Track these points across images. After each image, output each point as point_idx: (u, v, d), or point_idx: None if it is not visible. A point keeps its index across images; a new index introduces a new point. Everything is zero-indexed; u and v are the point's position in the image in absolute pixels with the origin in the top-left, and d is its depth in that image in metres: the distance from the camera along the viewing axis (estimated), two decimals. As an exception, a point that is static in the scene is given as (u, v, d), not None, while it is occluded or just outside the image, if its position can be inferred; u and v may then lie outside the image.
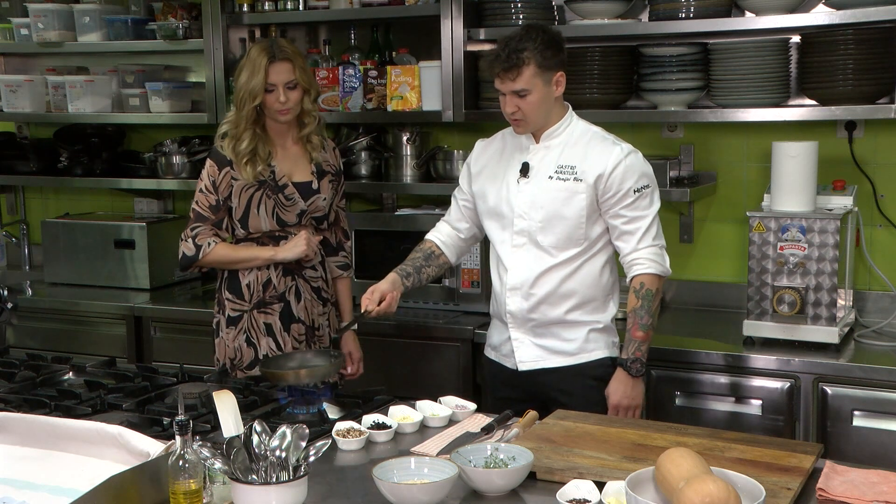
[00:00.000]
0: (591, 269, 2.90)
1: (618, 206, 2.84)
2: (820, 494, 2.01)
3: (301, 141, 3.21)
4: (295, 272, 3.20)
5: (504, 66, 2.78)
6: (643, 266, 2.85)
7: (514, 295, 2.93)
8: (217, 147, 3.17)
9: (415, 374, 3.63)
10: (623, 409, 2.88)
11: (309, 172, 3.21)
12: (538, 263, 2.89)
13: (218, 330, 3.24)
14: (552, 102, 2.86)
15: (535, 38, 2.79)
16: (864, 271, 3.64)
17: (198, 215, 3.16)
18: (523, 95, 2.80)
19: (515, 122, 2.87)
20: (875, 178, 3.62)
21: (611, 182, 2.82)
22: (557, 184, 2.86)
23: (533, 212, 2.87)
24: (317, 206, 3.21)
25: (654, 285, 2.86)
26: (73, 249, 4.52)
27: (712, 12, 3.48)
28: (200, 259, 3.13)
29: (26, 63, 5.03)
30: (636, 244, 2.85)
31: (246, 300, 3.18)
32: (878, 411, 3.07)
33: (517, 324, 2.95)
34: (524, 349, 2.95)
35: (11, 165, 4.86)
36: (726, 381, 3.25)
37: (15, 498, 1.98)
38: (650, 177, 2.89)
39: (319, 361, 2.74)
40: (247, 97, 3.08)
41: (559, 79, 2.84)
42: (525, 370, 2.95)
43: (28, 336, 4.38)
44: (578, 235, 2.86)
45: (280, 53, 3.08)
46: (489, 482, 2.04)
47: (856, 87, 3.34)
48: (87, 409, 2.55)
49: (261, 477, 1.91)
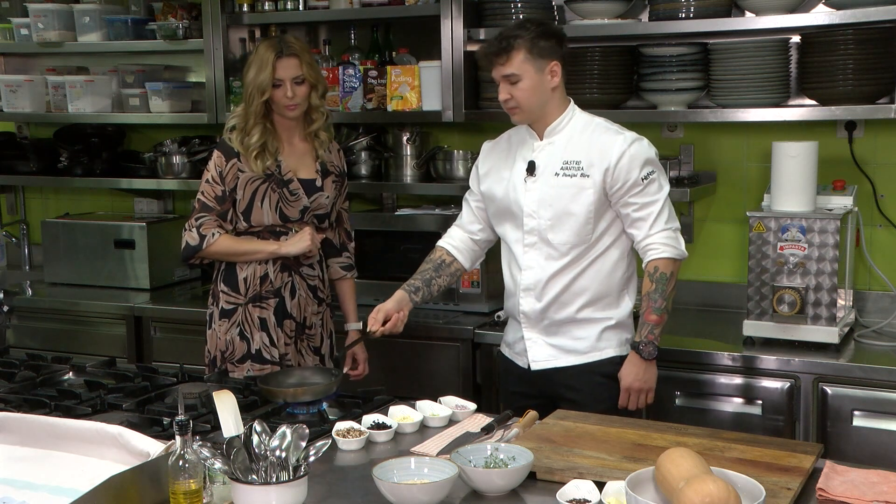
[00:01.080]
0: (603, 265, 2.89)
1: (627, 195, 2.83)
2: (820, 494, 2.01)
3: (309, 138, 3.22)
4: (292, 268, 3.20)
5: (494, 50, 2.82)
6: (657, 251, 2.84)
7: (528, 295, 2.93)
8: (225, 139, 3.18)
9: (415, 374, 3.63)
10: (635, 392, 2.87)
11: (314, 170, 3.22)
12: (550, 263, 2.89)
13: (211, 321, 3.24)
14: (548, 93, 2.86)
15: (529, 28, 2.83)
16: (864, 271, 3.64)
17: (203, 205, 3.15)
18: (514, 82, 2.81)
19: (510, 110, 2.89)
20: (875, 178, 3.62)
21: (617, 174, 2.81)
22: (564, 180, 2.86)
23: (542, 210, 2.87)
24: (319, 204, 3.21)
25: (668, 269, 2.84)
26: (73, 249, 4.52)
27: (712, 12, 3.48)
28: (204, 249, 3.12)
29: (26, 63, 5.03)
30: (648, 230, 2.84)
31: (241, 293, 3.18)
32: (878, 411, 3.07)
33: (530, 323, 2.95)
34: (537, 349, 2.95)
35: (11, 165, 4.86)
36: (726, 381, 3.25)
37: (15, 498, 1.98)
38: (655, 162, 2.87)
39: (318, 379, 2.71)
40: (255, 92, 3.10)
41: (554, 68, 2.84)
42: (537, 370, 2.95)
43: (28, 336, 4.38)
44: (587, 231, 2.85)
45: (287, 49, 3.10)
46: (489, 482, 2.04)
47: (856, 87, 3.34)
48: (87, 409, 2.55)
49: (261, 477, 1.91)
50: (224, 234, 3.14)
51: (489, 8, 3.80)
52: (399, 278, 3.53)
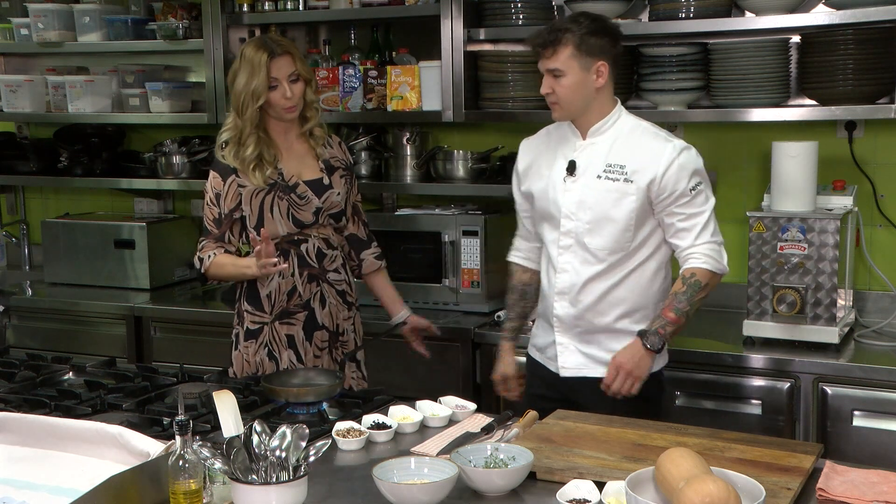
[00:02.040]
0: (642, 276, 2.81)
1: (673, 205, 2.75)
2: (820, 494, 2.01)
3: (304, 137, 3.11)
4: (319, 277, 3.10)
5: (541, 42, 2.73)
6: (699, 260, 2.76)
7: (562, 299, 2.85)
8: (218, 157, 3.07)
9: (415, 374, 3.63)
10: (623, 372, 2.73)
11: (318, 169, 3.11)
12: (586, 268, 2.80)
13: (236, 342, 3.13)
14: (592, 92, 2.77)
15: (581, 23, 2.73)
16: (864, 271, 3.64)
17: (205, 229, 3.10)
18: (558, 76, 2.73)
19: (551, 105, 2.80)
20: (875, 178, 3.62)
21: (665, 184, 2.73)
22: (606, 184, 2.76)
23: (581, 212, 2.79)
24: (332, 202, 3.10)
25: (705, 278, 2.75)
26: (73, 249, 4.52)
27: (712, 12, 3.48)
28: (204, 273, 3.08)
29: (26, 63, 5.03)
30: (693, 240, 2.76)
31: (266, 311, 3.07)
32: (878, 411, 3.07)
33: (563, 328, 2.87)
34: (568, 355, 2.87)
35: (11, 165, 4.86)
36: (726, 381, 3.25)
37: (15, 498, 1.98)
38: (703, 173, 2.79)
39: (321, 381, 2.69)
40: (249, 99, 2.97)
41: (601, 68, 2.75)
42: (567, 376, 2.88)
43: (28, 336, 4.38)
44: (626, 238, 2.77)
45: (279, 48, 2.99)
46: (489, 482, 2.04)
47: (856, 87, 3.34)
48: (87, 409, 2.55)
49: (261, 477, 1.91)
50: (220, 255, 3.05)
51: (489, 8, 3.80)
52: (399, 278, 3.54)
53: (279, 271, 2.94)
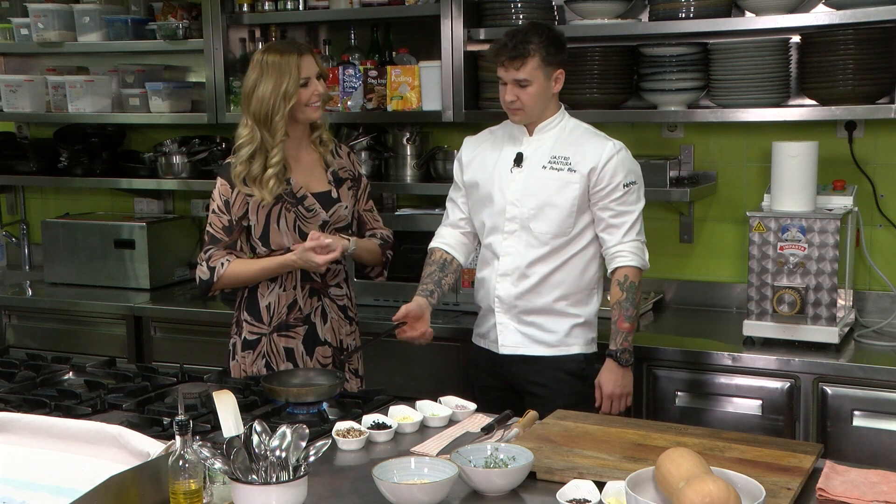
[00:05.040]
0: (579, 263, 3.01)
1: (607, 198, 2.96)
2: (820, 494, 2.01)
3: (314, 146, 3.09)
4: (321, 292, 3.07)
5: (510, 55, 2.92)
6: (627, 258, 2.97)
7: (505, 280, 3.03)
8: (233, 172, 3.00)
9: (415, 374, 3.63)
10: (616, 399, 2.99)
11: (326, 182, 3.08)
12: (529, 251, 2.99)
13: (233, 353, 3.12)
14: (549, 97, 3.00)
15: (542, 34, 2.94)
16: (864, 271, 3.64)
17: (211, 238, 3.03)
18: (524, 86, 2.94)
19: (513, 111, 2.99)
20: (875, 178, 3.62)
21: (603, 174, 2.94)
22: (551, 173, 2.97)
23: (526, 199, 2.98)
24: (339, 216, 3.07)
25: (636, 278, 2.99)
26: (73, 249, 4.52)
27: (712, 12, 3.49)
28: (216, 282, 3.00)
29: (26, 63, 5.03)
30: (622, 237, 2.97)
31: (265, 322, 3.06)
32: (878, 411, 3.07)
33: (504, 308, 3.04)
34: (507, 334, 3.05)
35: (11, 165, 4.86)
36: (726, 381, 3.25)
37: (15, 498, 1.99)
38: (638, 174, 3.03)
39: (321, 381, 2.69)
40: (279, 103, 2.93)
41: (558, 76, 2.99)
42: (506, 353, 3.04)
43: (28, 336, 4.38)
44: (568, 224, 2.97)
45: (303, 47, 3.03)
46: (489, 482, 2.04)
47: (856, 87, 3.34)
48: (87, 409, 2.55)
49: (261, 477, 1.91)
50: (235, 261, 3.00)
51: (489, 8, 3.80)
52: (399, 278, 3.55)
53: (331, 255, 2.90)
